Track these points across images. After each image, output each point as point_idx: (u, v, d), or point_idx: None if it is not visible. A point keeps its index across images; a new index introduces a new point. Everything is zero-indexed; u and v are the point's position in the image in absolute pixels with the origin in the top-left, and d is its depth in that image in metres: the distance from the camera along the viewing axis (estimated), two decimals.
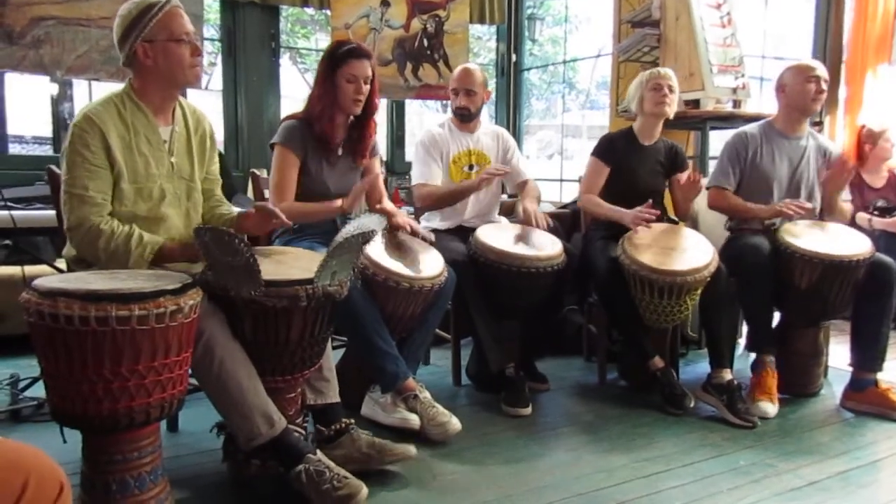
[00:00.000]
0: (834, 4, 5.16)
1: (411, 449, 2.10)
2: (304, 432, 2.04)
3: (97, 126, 1.89)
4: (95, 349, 1.56)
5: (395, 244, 2.60)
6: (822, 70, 2.90)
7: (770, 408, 2.63)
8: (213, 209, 2.24)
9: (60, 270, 2.59)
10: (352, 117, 2.59)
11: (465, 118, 3.04)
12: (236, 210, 2.27)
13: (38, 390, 2.22)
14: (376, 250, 2.45)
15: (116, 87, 2.03)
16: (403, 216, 2.69)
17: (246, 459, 1.89)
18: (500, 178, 3.12)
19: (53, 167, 2.15)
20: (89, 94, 4.43)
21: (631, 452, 2.29)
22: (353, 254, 1.97)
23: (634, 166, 3.01)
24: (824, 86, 2.88)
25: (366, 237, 1.93)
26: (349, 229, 1.91)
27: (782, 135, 2.97)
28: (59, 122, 4.44)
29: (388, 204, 2.76)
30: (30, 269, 3.02)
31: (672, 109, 2.99)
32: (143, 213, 1.97)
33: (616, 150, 3.02)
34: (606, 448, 2.33)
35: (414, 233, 2.64)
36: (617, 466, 2.18)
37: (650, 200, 2.80)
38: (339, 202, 2.43)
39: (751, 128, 3.02)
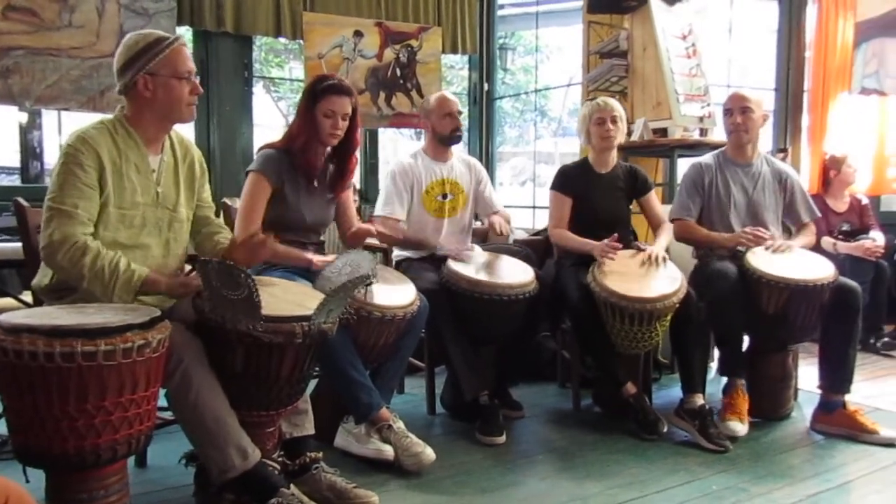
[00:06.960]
0: (795, 35, 5.33)
1: (373, 498, 2.05)
2: (278, 466, 2.01)
3: (92, 147, 1.87)
4: (61, 386, 1.53)
5: None
6: (735, 100, 2.99)
7: (740, 427, 2.65)
8: (213, 235, 2.21)
9: (26, 304, 2.55)
10: (329, 149, 2.60)
11: (459, 139, 3.09)
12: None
13: (0, 427, 2.16)
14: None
15: (86, 116, 2.02)
16: (371, 228, 2.72)
17: (218, 493, 1.86)
18: (472, 209, 3.18)
19: (21, 199, 2.12)
20: (58, 123, 4.37)
21: (605, 479, 2.29)
22: (348, 293, 2.00)
23: (593, 195, 3.05)
24: (739, 118, 2.96)
25: (364, 280, 2.01)
26: (344, 264, 1.94)
27: (734, 162, 3.07)
28: (27, 152, 4.38)
29: (359, 224, 2.76)
30: None
31: (619, 139, 3.06)
32: (124, 241, 1.94)
33: (573, 180, 3.07)
34: (581, 475, 2.33)
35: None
36: (591, 494, 2.18)
37: (616, 234, 2.84)
38: (311, 257, 2.44)
39: (706, 158, 3.11)
